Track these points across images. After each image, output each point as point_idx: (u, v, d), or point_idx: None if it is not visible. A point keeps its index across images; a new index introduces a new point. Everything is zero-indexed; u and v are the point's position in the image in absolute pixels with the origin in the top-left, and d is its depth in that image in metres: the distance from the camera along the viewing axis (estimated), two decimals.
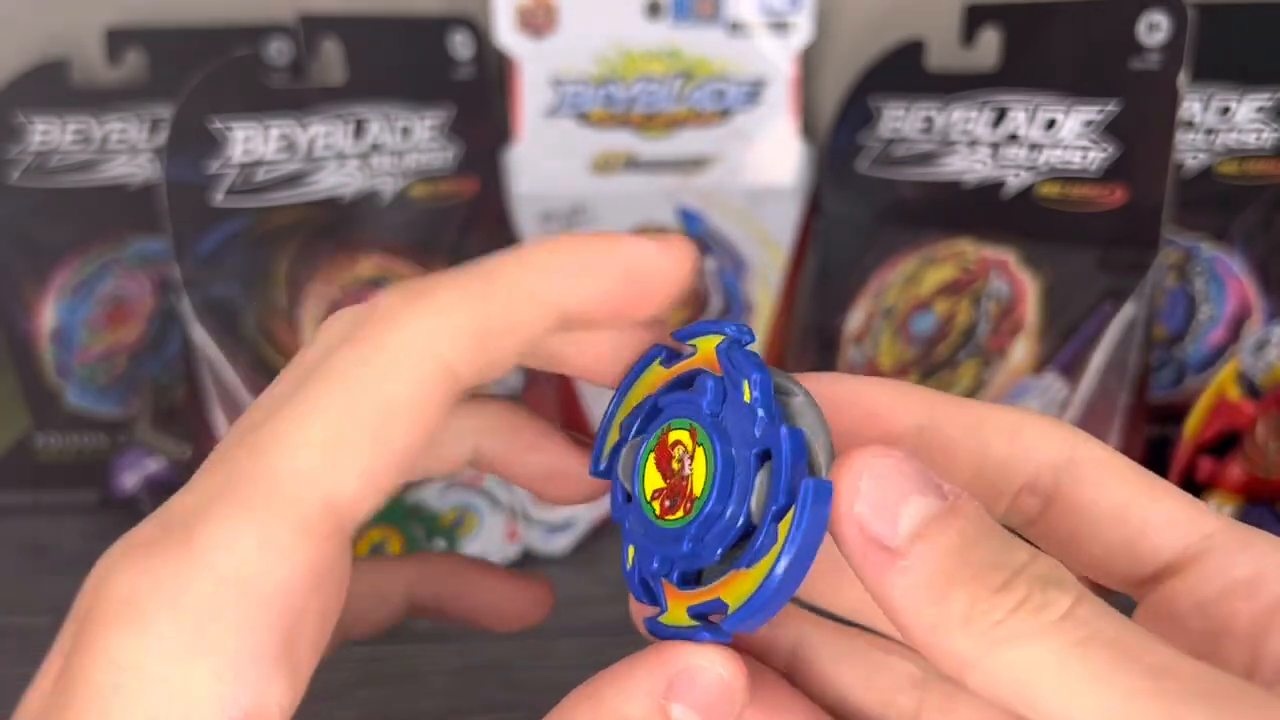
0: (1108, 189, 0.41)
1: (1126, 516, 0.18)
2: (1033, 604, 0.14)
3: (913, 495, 0.15)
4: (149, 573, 0.14)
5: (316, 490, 0.15)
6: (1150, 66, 0.40)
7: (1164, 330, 0.49)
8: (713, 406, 0.18)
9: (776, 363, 0.52)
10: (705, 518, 0.17)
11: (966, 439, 0.18)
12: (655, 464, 0.19)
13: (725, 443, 0.18)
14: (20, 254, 0.48)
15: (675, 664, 0.17)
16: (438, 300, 0.16)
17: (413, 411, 0.16)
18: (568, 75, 0.49)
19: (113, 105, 0.48)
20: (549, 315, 0.17)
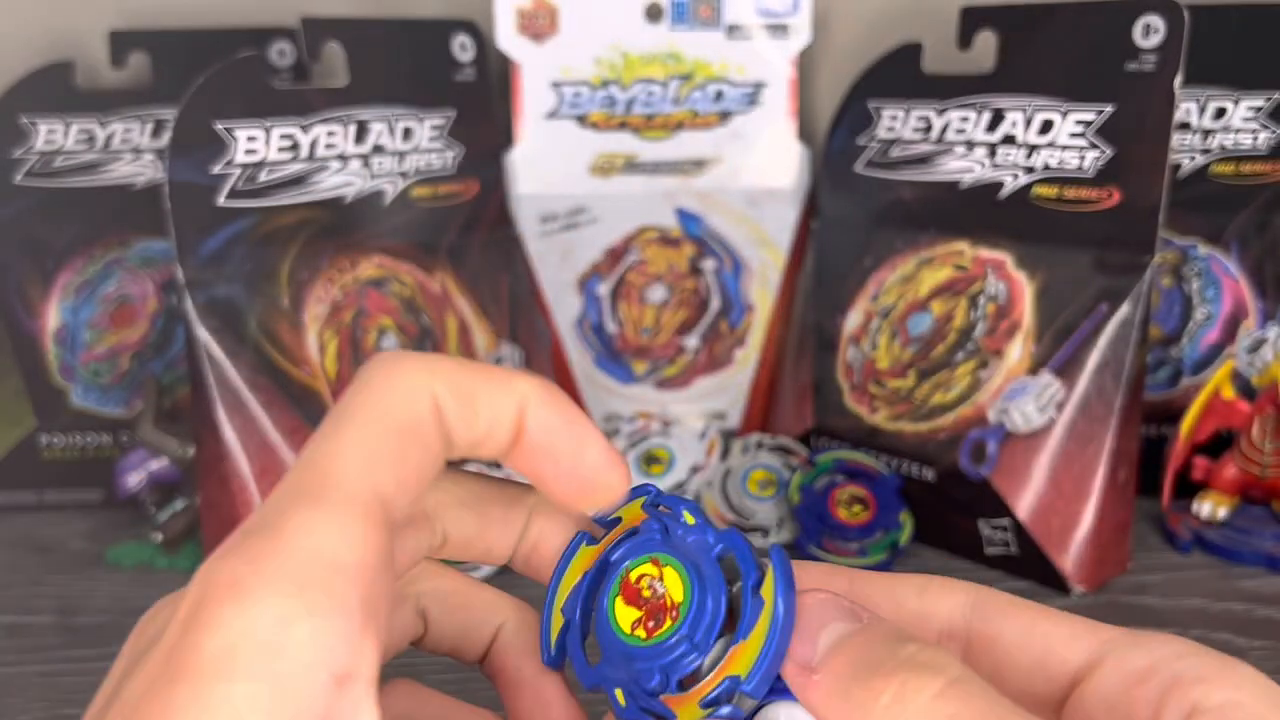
0: (1104, 190, 0.42)
1: (1032, 641, 0.20)
2: (909, 689, 0.17)
3: (830, 623, 0.19)
4: (248, 560, 0.17)
5: (368, 486, 0.18)
6: (1146, 69, 0.40)
7: (1160, 330, 0.49)
8: (664, 537, 0.21)
9: (774, 363, 0.53)
10: (695, 611, 0.20)
11: (884, 599, 0.21)
12: (624, 603, 0.21)
13: (689, 559, 0.20)
14: (25, 254, 0.49)
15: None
16: (422, 358, 0.20)
17: (418, 430, 0.19)
18: (568, 78, 0.49)
19: (116, 107, 0.49)
20: (513, 409, 0.20)
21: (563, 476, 0.21)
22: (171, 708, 0.16)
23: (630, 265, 0.52)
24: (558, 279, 0.51)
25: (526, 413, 0.20)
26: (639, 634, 0.20)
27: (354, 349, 0.45)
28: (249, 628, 0.16)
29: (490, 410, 0.20)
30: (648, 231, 0.51)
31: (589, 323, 0.52)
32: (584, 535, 0.22)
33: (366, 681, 0.16)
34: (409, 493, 0.18)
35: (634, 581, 0.21)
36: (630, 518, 0.22)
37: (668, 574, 0.20)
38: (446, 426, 0.19)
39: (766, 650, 0.19)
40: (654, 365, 0.53)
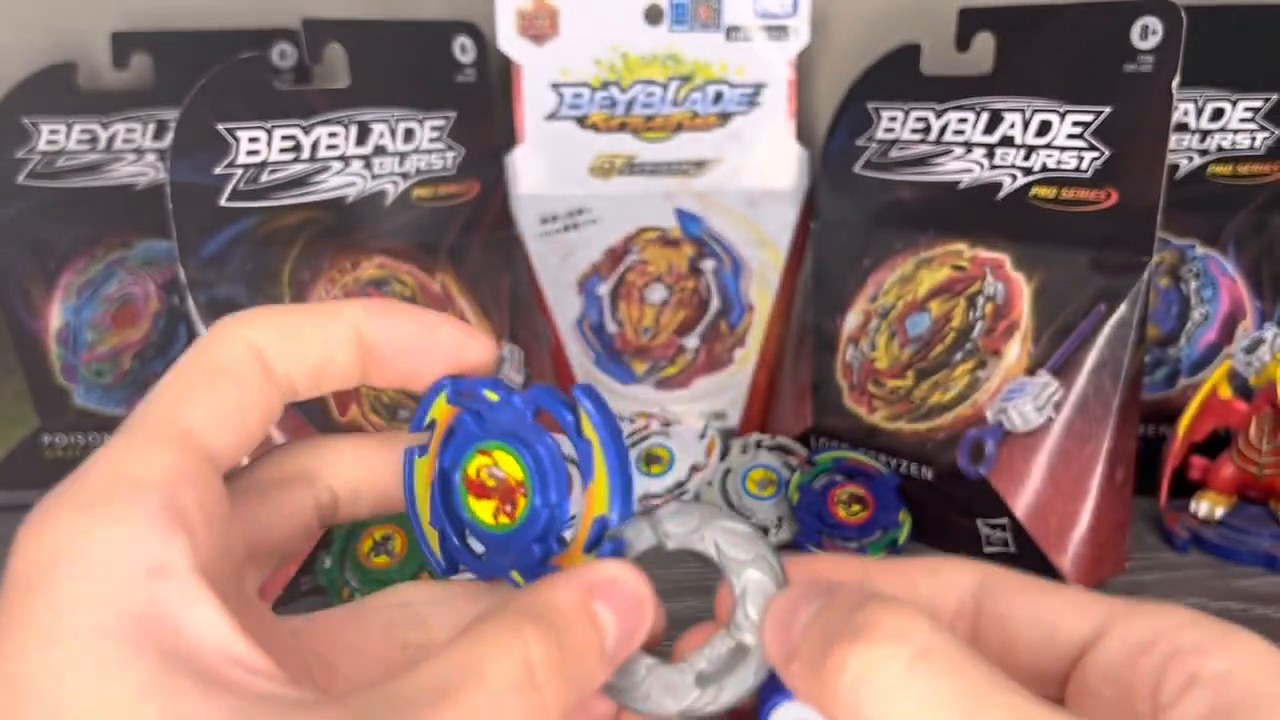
0: (1102, 191, 0.42)
1: (1039, 616, 0.21)
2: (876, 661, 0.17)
3: (800, 609, 0.19)
4: (53, 495, 0.18)
5: (175, 421, 0.19)
6: (1144, 70, 0.40)
7: (1157, 331, 0.49)
8: (480, 424, 0.21)
9: (773, 363, 0.53)
10: (538, 478, 0.20)
11: (898, 586, 0.22)
12: (475, 499, 0.22)
13: (509, 434, 0.21)
14: (27, 255, 0.49)
15: (599, 573, 0.20)
16: (247, 312, 0.21)
17: (233, 370, 0.20)
18: (568, 79, 0.49)
19: (119, 108, 0.49)
20: (346, 331, 0.21)
21: (428, 368, 0.22)
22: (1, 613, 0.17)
23: (630, 265, 0.52)
24: (558, 279, 0.51)
25: (363, 329, 0.21)
26: (503, 520, 0.21)
27: None
28: (67, 540, 0.17)
29: (320, 340, 0.21)
30: (648, 232, 0.51)
31: (589, 323, 0.52)
32: (412, 450, 0.23)
33: (186, 571, 0.18)
34: (227, 425, 0.20)
35: (475, 476, 0.21)
36: (442, 417, 0.22)
37: (499, 457, 0.21)
38: (269, 363, 0.21)
39: (613, 483, 0.20)
40: (654, 365, 0.53)
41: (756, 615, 0.21)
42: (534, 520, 0.21)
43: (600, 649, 0.19)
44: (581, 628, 0.19)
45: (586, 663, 0.19)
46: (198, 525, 0.18)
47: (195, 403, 0.20)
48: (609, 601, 0.20)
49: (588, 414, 0.20)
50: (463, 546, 0.22)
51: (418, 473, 0.23)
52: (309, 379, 0.21)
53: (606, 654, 0.20)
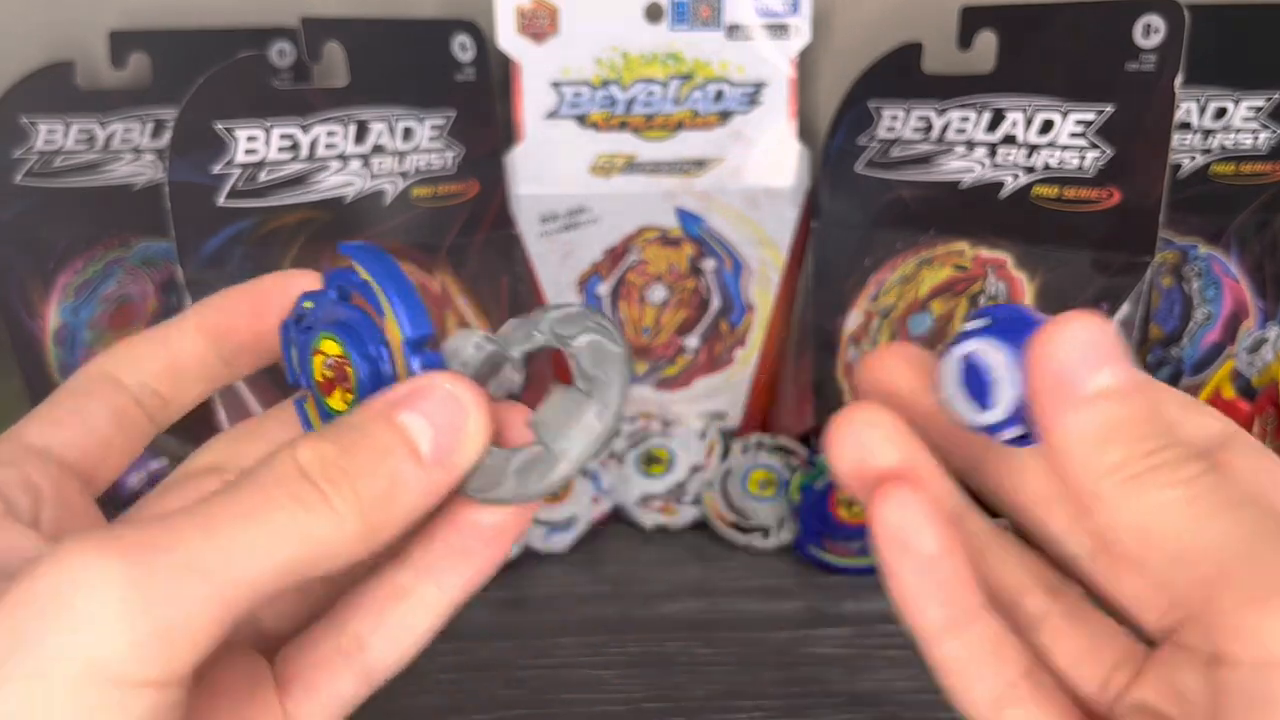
0: (1104, 190, 0.42)
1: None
2: (1168, 467, 0.18)
3: (1111, 363, 0.18)
4: None
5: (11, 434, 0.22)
6: (1146, 69, 0.40)
7: (1160, 331, 0.49)
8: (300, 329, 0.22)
9: (774, 363, 0.53)
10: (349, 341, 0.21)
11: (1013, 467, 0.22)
12: (330, 399, 0.22)
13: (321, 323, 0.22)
14: (25, 255, 0.49)
15: (399, 388, 0.20)
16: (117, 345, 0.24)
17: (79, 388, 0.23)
18: (568, 78, 0.49)
19: (117, 107, 0.49)
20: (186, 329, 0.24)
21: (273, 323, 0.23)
22: None
23: (630, 265, 0.52)
24: (558, 279, 0.51)
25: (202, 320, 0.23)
26: (349, 399, 0.21)
27: None
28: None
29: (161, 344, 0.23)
30: (648, 231, 0.51)
31: None
32: (298, 402, 0.24)
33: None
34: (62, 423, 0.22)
35: (320, 379, 0.22)
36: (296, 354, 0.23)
37: (326, 347, 0.21)
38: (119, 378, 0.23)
39: (395, 305, 0.20)
40: (654, 365, 0.53)
41: (596, 371, 0.20)
42: (361, 380, 0.21)
43: (410, 451, 0.19)
44: (375, 434, 0.19)
45: (387, 463, 0.19)
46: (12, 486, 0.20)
47: (33, 418, 0.22)
48: (416, 407, 0.19)
49: (355, 260, 0.21)
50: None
51: (311, 417, 0.23)
52: (166, 380, 0.23)
53: (427, 457, 0.19)
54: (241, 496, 0.18)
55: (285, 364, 0.23)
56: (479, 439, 0.20)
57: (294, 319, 0.23)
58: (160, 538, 0.16)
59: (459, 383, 0.20)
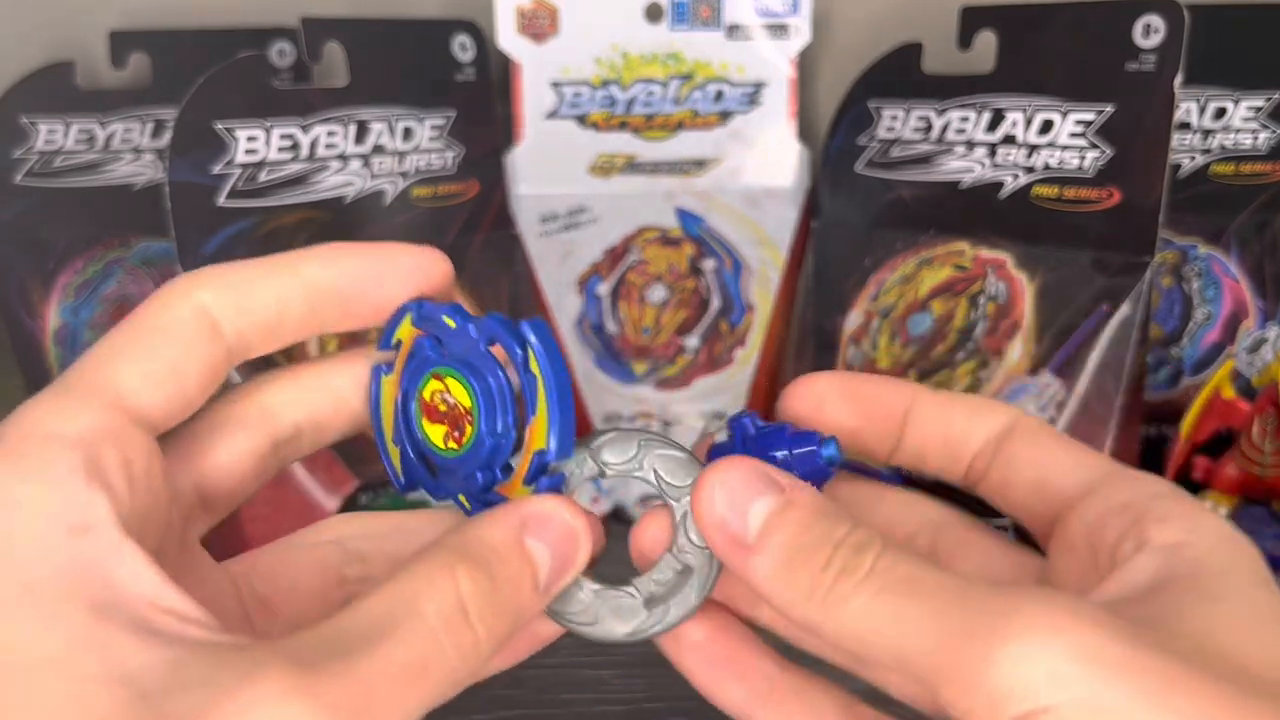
0: (1104, 190, 0.42)
1: (1039, 465, 0.22)
2: (847, 571, 0.19)
3: (757, 497, 0.20)
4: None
5: (102, 380, 0.19)
6: (1146, 69, 0.40)
7: (1160, 331, 0.49)
8: (436, 349, 0.22)
9: (774, 363, 0.53)
10: (484, 408, 0.21)
11: (936, 421, 0.23)
12: (429, 423, 0.22)
13: (462, 361, 0.21)
14: (25, 255, 0.49)
15: (531, 509, 0.20)
16: (198, 271, 0.21)
17: (173, 329, 0.20)
18: (568, 78, 0.49)
19: (117, 107, 0.49)
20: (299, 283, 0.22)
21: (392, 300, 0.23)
22: None
23: (630, 265, 0.52)
24: (558, 279, 0.51)
25: (318, 278, 0.22)
26: (451, 446, 0.22)
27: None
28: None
29: (273, 293, 0.21)
30: (648, 231, 0.51)
31: (589, 323, 0.52)
32: (379, 368, 0.23)
33: (108, 527, 0.18)
34: (161, 385, 0.20)
35: (429, 400, 0.22)
36: (407, 337, 0.23)
37: (451, 384, 0.21)
38: (217, 322, 0.21)
39: (552, 419, 0.20)
40: (654, 365, 0.53)
41: (698, 539, 0.21)
42: (478, 448, 0.21)
43: (533, 582, 0.20)
44: (513, 563, 0.20)
45: (519, 596, 0.20)
46: (119, 482, 0.18)
47: (127, 362, 0.20)
48: (541, 536, 0.20)
49: (534, 350, 0.21)
50: (421, 465, 0.23)
51: (384, 390, 0.23)
52: (263, 334, 0.22)
53: (541, 586, 0.20)
54: (411, 643, 0.18)
55: (385, 332, 0.23)
56: (581, 569, 0.21)
57: (427, 318, 0.22)
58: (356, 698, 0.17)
59: (578, 515, 0.21)
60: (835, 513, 0.20)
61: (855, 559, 0.19)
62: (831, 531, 0.19)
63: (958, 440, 0.23)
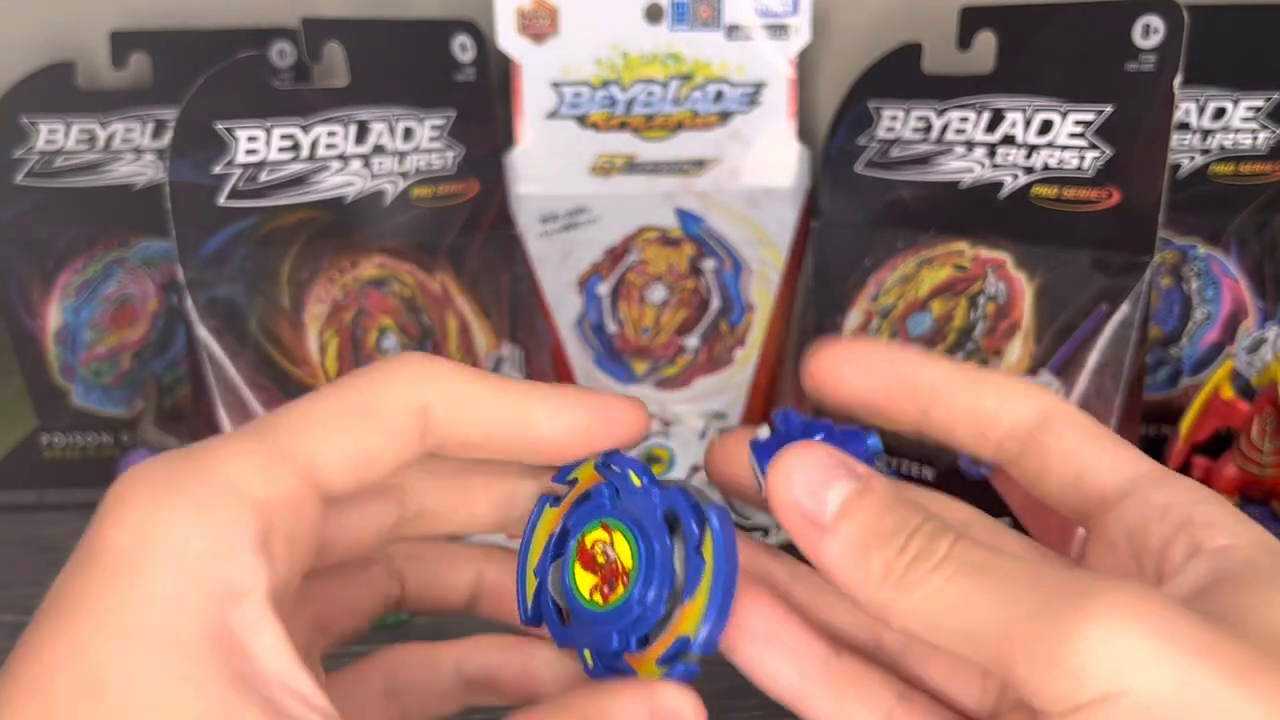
0: (1103, 191, 0.42)
1: (1076, 459, 0.22)
2: (922, 556, 0.19)
3: (834, 481, 0.20)
4: (166, 472, 0.18)
5: (304, 450, 0.19)
6: (1145, 69, 0.40)
7: (1159, 331, 0.49)
8: (613, 501, 0.22)
9: (774, 363, 0.53)
10: (644, 573, 0.20)
11: (965, 398, 0.23)
12: (581, 568, 0.21)
13: (635, 521, 0.21)
14: (26, 255, 0.49)
15: (659, 698, 0.20)
16: (429, 360, 0.21)
17: (387, 420, 0.20)
18: (568, 78, 0.49)
19: (117, 107, 0.49)
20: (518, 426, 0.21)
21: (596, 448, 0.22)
22: (85, 592, 0.17)
23: (630, 265, 0.52)
24: (558, 279, 0.51)
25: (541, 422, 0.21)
26: (596, 599, 0.21)
27: (354, 349, 0.45)
28: (156, 530, 0.17)
29: (491, 419, 0.21)
30: (648, 231, 0.51)
31: (589, 323, 0.52)
32: (546, 498, 0.23)
33: (260, 599, 0.18)
34: (355, 468, 0.20)
35: (589, 547, 0.21)
36: (585, 479, 0.22)
37: (617, 538, 0.21)
38: (430, 425, 0.20)
39: (710, 611, 0.20)
40: (654, 365, 0.53)
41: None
42: (625, 611, 0.21)
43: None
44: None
45: None
46: (282, 555, 0.18)
47: (332, 436, 0.19)
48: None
49: (713, 536, 0.20)
50: (554, 606, 0.22)
51: (543, 518, 0.23)
52: (460, 448, 0.21)
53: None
54: None
55: (564, 467, 0.23)
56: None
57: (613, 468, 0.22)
58: None
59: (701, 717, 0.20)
60: (910, 501, 0.20)
61: (930, 545, 0.19)
62: (908, 518, 0.19)
63: (988, 420, 0.23)
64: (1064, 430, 0.22)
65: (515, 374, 0.49)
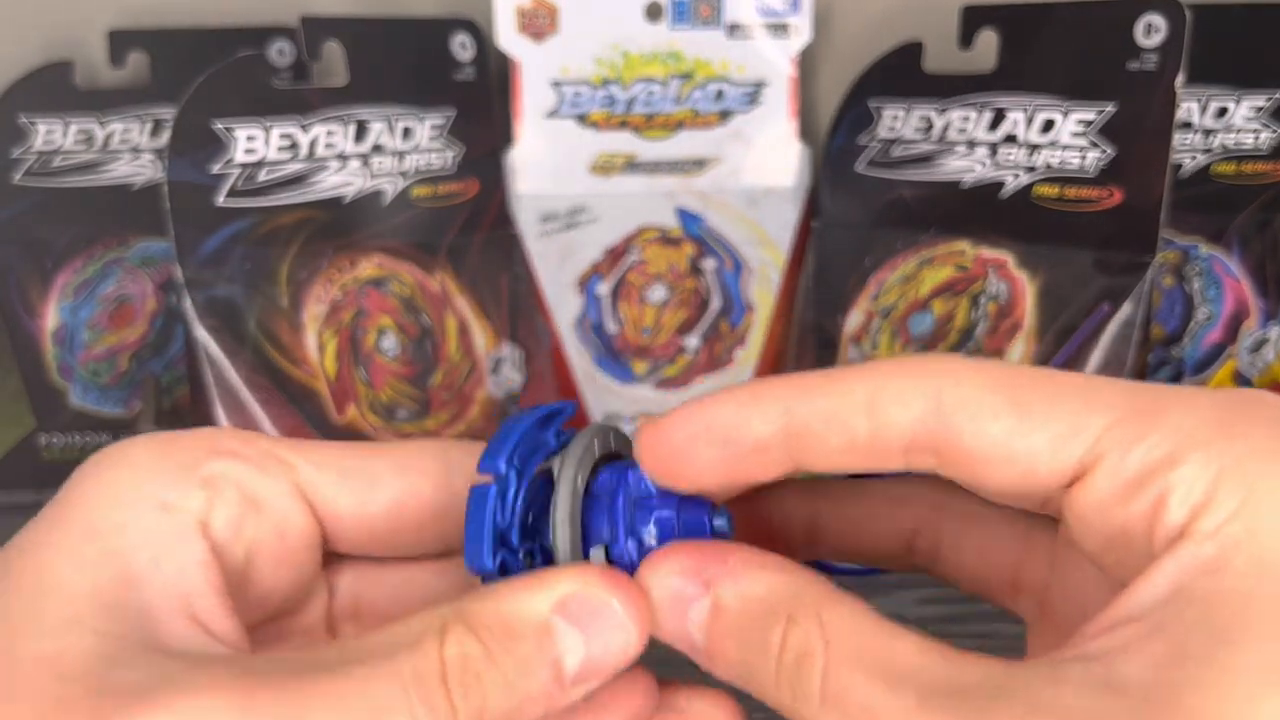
0: (1105, 190, 0.42)
1: (1012, 454, 0.17)
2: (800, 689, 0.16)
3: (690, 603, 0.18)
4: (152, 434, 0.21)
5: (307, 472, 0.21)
6: (1147, 68, 0.40)
7: (1161, 330, 0.49)
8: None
9: (774, 363, 0.53)
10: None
11: (830, 429, 0.17)
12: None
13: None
14: (24, 254, 0.49)
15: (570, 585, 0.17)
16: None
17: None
18: (568, 77, 0.49)
19: (115, 106, 0.49)
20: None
21: None
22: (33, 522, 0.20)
23: (630, 265, 0.52)
24: (558, 279, 0.51)
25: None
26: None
27: (353, 349, 0.45)
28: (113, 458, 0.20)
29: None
30: (648, 231, 0.51)
31: (589, 322, 0.52)
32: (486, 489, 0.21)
33: (191, 515, 0.19)
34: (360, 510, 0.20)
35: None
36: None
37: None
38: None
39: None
40: (654, 365, 0.53)
41: None
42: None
43: (555, 671, 0.17)
44: (528, 643, 0.17)
45: (528, 683, 0.17)
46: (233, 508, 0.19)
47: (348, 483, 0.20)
48: (579, 622, 0.17)
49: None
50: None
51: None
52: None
53: (568, 678, 0.17)
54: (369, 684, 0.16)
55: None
56: (629, 663, 0.18)
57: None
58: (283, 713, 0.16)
59: (639, 606, 0.17)
60: (770, 607, 0.17)
61: (799, 676, 0.16)
62: (767, 642, 0.17)
63: (872, 447, 0.17)
64: (976, 427, 0.17)
65: (515, 374, 0.49)
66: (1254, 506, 0.14)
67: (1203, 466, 0.15)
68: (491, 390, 0.48)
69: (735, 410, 0.18)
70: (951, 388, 0.17)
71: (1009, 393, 0.17)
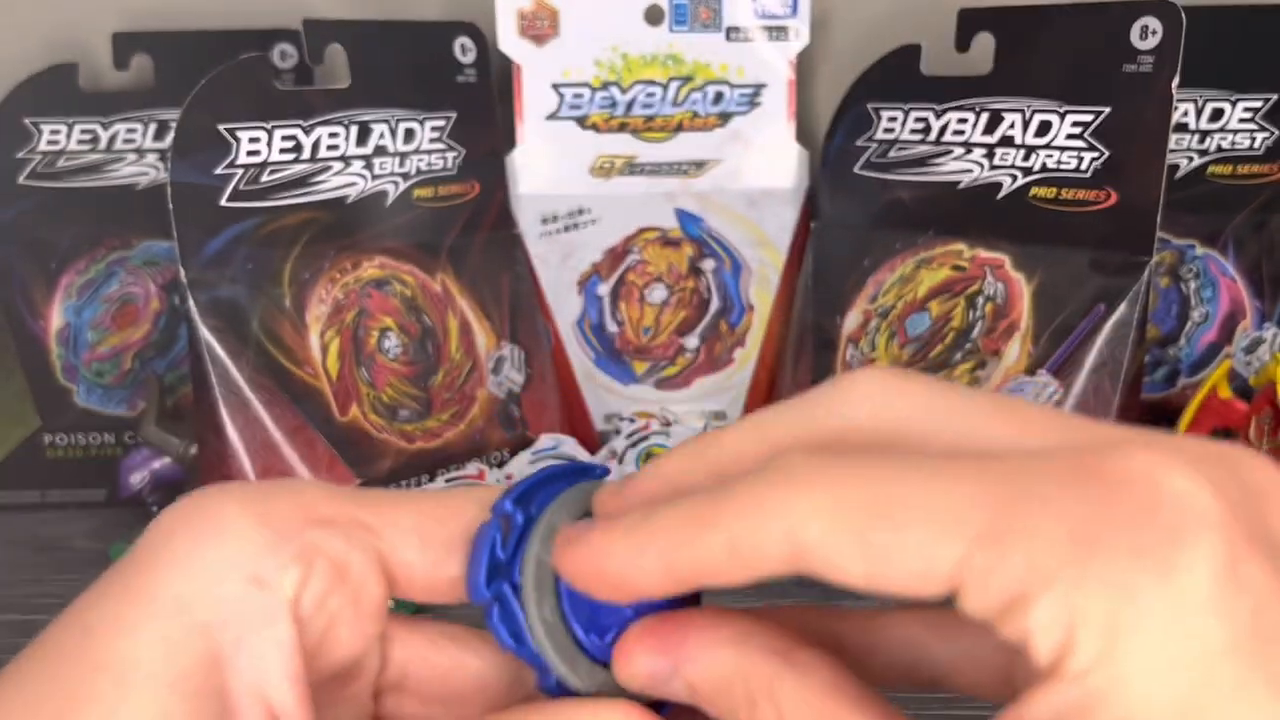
0: (1101, 191, 0.42)
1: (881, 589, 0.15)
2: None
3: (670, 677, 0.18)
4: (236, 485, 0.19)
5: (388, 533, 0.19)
6: (1143, 70, 0.40)
7: (1157, 331, 0.49)
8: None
9: (774, 363, 0.53)
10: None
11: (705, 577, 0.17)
12: None
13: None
14: (28, 255, 0.49)
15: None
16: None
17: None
18: (568, 79, 0.49)
19: (120, 108, 0.49)
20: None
21: None
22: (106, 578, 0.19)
23: (630, 266, 0.52)
24: (558, 279, 0.52)
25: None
26: None
27: (356, 349, 0.45)
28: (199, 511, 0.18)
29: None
30: (648, 232, 0.51)
31: (589, 323, 0.52)
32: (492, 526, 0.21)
33: (283, 593, 0.18)
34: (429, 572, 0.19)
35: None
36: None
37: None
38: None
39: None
40: (654, 365, 0.53)
41: None
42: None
43: None
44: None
45: None
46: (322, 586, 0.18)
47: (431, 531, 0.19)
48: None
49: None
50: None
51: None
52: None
53: None
54: None
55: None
56: None
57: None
58: None
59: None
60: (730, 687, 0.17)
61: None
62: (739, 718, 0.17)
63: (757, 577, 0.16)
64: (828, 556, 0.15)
65: (516, 375, 0.50)
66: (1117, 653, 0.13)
67: (1059, 608, 0.14)
68: (492, 390, 0.48)
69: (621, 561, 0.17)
70: (801, 529, 0.15)
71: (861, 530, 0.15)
